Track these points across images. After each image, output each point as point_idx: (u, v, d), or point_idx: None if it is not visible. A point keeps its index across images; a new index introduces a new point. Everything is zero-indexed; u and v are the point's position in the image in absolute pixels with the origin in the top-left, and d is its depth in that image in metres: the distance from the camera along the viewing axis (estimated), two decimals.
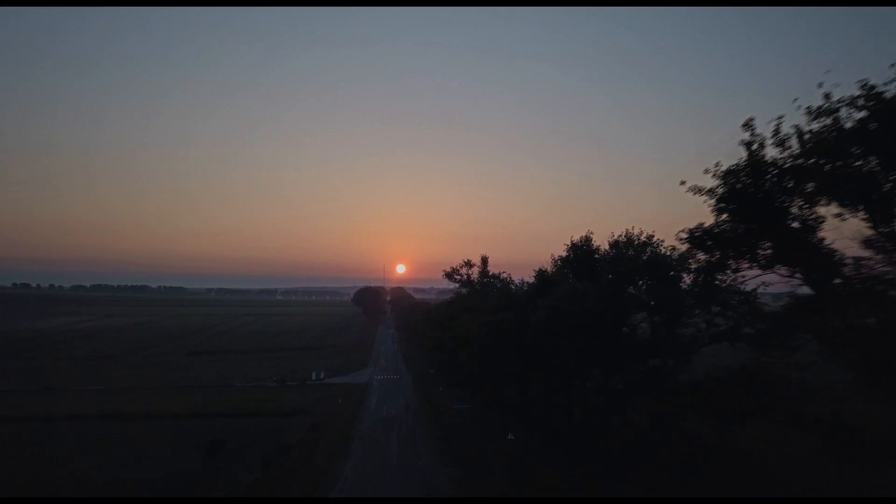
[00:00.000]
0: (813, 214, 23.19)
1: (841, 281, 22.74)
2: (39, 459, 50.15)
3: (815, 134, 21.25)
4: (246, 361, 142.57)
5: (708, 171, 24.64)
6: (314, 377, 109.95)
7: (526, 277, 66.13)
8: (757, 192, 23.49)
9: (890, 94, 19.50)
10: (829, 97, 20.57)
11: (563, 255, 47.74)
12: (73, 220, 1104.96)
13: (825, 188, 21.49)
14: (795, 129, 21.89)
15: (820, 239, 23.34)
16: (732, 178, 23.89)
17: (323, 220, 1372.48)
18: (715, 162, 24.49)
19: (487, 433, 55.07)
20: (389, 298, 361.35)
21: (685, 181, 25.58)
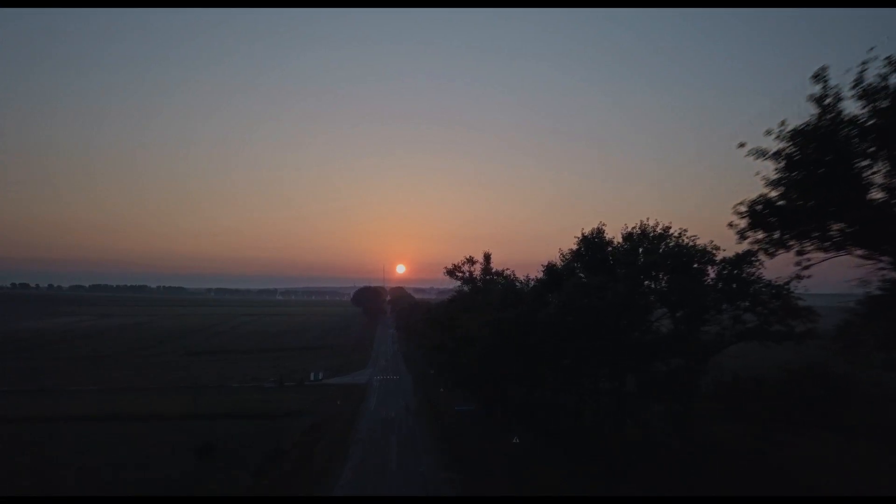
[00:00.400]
0: None
1: None
2: (35, 461, 48.49)
3: None
4: (246, 361, 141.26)
5: (770, 132, 21.51)
6: (312, 377, 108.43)
7: (528, 276, 64.03)
8: (830, 155, 20.25)
9: None
10: None
11: (572, 248, 45.29)
12: (72, 220, 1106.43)
13: None
14: (880, 78, 18.69)
15: None
16: (801, 139, 20.73)
17: (323, 220, 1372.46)
18: (780, 120, 21.11)
19: (491, 436, 52.98)
20: (389, 298, 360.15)
21: (745, 143, 22.21)
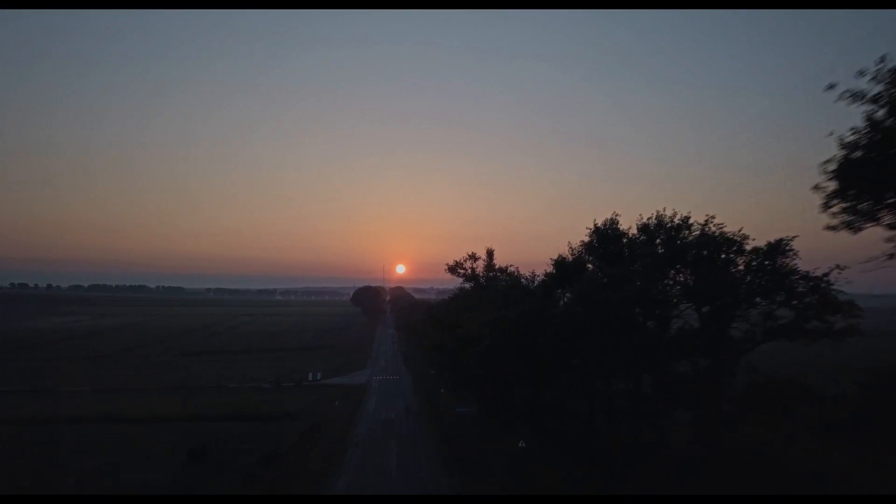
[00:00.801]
0: None
1: None
2: (35, 462, 47.04)
3: None
4: (245, 361, 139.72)
5: (863, 73, 18.63)
6: (311, 378, 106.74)
7: (534, 272, 61.84)
8: None
9: None
10: None
11: (583, 240, 43.31)
12: (71, 220, 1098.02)
13: None
14: None
15: None
16: None
17: (323, 220, 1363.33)
18: (879, 56, 18.16)
19: (494, 439, 50.77)
20: (389, 298, 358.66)
21: (835, 84, 19.20)
